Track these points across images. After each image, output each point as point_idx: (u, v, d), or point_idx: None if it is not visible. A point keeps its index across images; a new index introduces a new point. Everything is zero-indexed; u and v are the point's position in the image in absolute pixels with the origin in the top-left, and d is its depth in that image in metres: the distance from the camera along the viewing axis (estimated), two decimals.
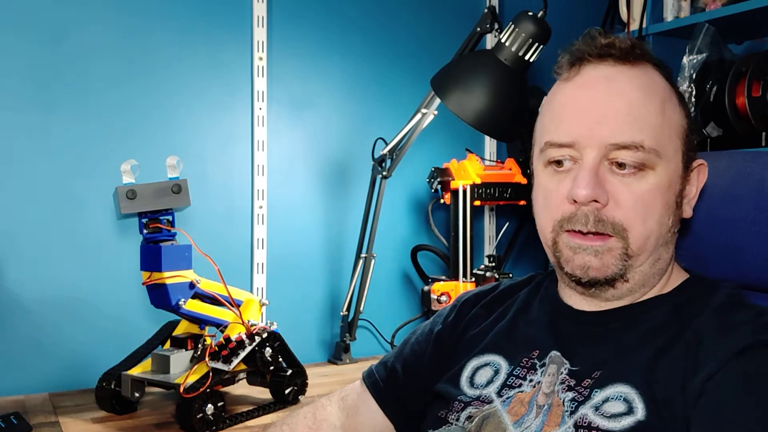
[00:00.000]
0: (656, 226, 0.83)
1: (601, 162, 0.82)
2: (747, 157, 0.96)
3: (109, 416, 1.36)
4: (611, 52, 0.85)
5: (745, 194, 0.93)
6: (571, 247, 0.84)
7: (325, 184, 1.89)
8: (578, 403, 0.79)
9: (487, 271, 1.79)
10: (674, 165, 0.84)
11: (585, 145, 0.82)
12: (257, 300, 1.50)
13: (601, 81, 0.84)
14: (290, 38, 1.83)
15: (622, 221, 0.81)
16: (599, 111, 0.82)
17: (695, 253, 0.97)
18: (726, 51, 1.95)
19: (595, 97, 0.84)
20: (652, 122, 0.82)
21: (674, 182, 0.85)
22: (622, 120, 0.81)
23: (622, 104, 0.82)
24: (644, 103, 0.83)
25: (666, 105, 0.84)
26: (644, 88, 0.84)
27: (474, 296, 1.03)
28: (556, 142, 0.84)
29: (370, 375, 1.04)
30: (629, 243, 0.82)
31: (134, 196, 1.26)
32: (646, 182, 0.82)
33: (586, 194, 0.80)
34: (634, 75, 0.85)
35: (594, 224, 0.81)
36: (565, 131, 0.84)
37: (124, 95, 1.64)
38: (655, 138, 0.82)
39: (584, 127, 0.82)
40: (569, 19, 2.12)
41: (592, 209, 0.81)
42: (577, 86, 0.86)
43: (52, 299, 1.57)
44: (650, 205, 0.82)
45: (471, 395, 0.88)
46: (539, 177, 0.89)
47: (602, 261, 0.82)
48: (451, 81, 1.51)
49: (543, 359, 0.86)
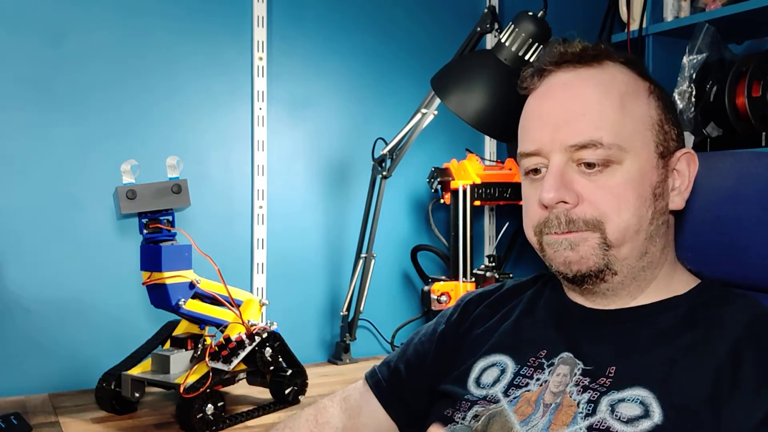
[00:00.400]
0: (633, 218, 0.84)
1: (567, 164, 0.84)
2: (752, 157, 0.96)
3: (109, 416, 1.35)
4: (566, 58, 0.89)
5: (750, 194, 0.93)
6: (549, 245, 0.87)
7: (325, 184, 1.89)
8: (595, 404, 0.78)
9: (487, 271, 1.79)
10: (645, 156, 0.85)
11: (548, 151, 0.85)
12: (257, 300, 1.50)
13: (559, 87, 0.88)
14: (290, 38, 1.83)
15: (595, 216, 0.83)
16: (557, 116, 0.86)
17: (700, 253, 0.96)
18: (726, 51, 1.95)
19: (554, 103, 0.87)
20: (611, 118, 0.84)
21: (647, 174, 0.85)
22: (579, 121, 0.84)
23: (578, 106, 0.85)
24: (600, 101, 0.85)
25: (627, 99, 0.86)
26: (601, 85, 0.86)
27: (478, 296, 1.03)
28: (525, 152, 0.88)
29: (373, 375, 1.04)
30: (606, 234, 0.83)
31: (134, 196, 1.26)
32: (614, 177, 0.83)
33: (551, 197, 0.83)
34: (591, 75, 0.87)
35: (566, 225, 0.84)
36: (530, 140, 0.88)
37: (124, 95, 1.64)
38: (615, 133, 0.83)
39: (545, 134, 0.86)
40: (569, 19, 2.13)
41: (561, 210, 0.84)
42: (539, 96, 0.90)
43: (52, 299, 1.57)
44: (622, 197, 0.83)
45: (477, 395, 0.88)
46: (522, 186, 0.93)
47: (579, 253, 0.84)
48: (451, 81, 1.51)
49: (551, 359, 0.86)
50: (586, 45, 0.89)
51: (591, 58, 0.88)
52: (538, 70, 0.90)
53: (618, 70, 0.88)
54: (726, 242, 0.95)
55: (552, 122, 0.85)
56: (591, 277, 0.86)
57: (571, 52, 0.88)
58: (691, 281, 0.91)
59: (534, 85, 0.91)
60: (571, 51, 0.88)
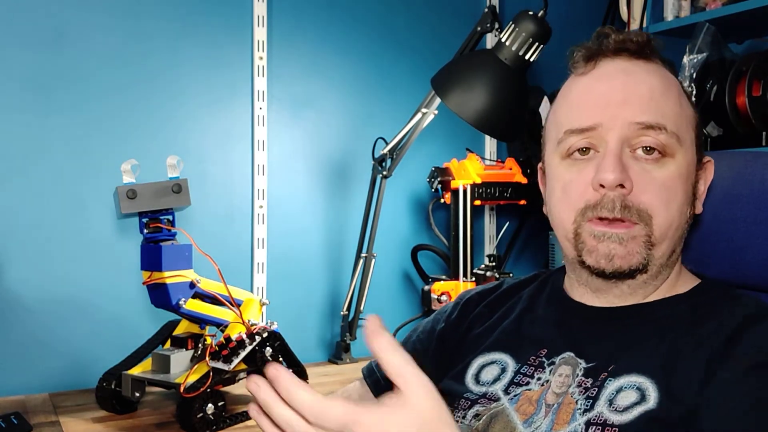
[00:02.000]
0: (677, 213, 0.83)
1: (623, 149, 0.82)
2: (748, 157, 0.96)
3: (110, 416, 1.35)
4: (627, 47, 0.86)
5: (746, 194, 0.93)
6: (595, 236, 0.82)
7: (325, 183, 1.89)
8: (593, 400, 0.78)
9: (487, 271, 1.79)
10: (690, 155, 0.85)
11: (609, 128, 0.82)
12: (257, 299, 1.50)
13: (620, 73, 0.85)
14: (290, 38, 1.83)
15: (647, 207, 0.81)
16: (621, 96, 0.83)
17: (697, 253, 0.97)
18: (726, 50, 1.95)
19: (616, 85, 0.84)
20: (672, 109, 0.84)
21: (691, 173, 0.85)
22: (645, 103, 0.82)
23: (644, 89, 0.83)
24: (663, 92, 0.84)
25: (681, 97, 0.86)
26: (662, 78, 0.86)
27: (477, 294, 1.03)
28: (578, 128, 0.84)
29: (371, 373, 1.04)
30: (653, 230, 0.82)
31: (134, 195, 1.26)
32: (667, 169, 0.82)
33: (614, 178, 0.79)
34: (650, 68, 0.86)
35: (621, 210, 0.80)
36: (588, 115, 0.84)
37: (124, 95, 1.64)
38: (676, 124, 0.83)
39: (607, 110, 0.83)
40: (570, 19, 2.12)
41: (618, 194, 0.81)
42: (595, 78, 0.87)
43: (53, 299, 1.57)
44: (672, 191, 0.82)
45: (477, 392, 0.87)
46: (555, 170, 0.88)
47: (627, 249, 0.81)
48: (452, 80, 1.51)
49: (552, 358, 0.86)
50: (650, 38, 0.87)
51: (651, 52, 0.87)
52: (594, 53, 0.87)
53: (668, 72, 0.88)
54: (723, 242, 0.95)
55: (615, 100, 0.83)
56: (624, 275, 0.83)
57: (636, 41, 0.86)
58: (692, 281, 0.91)
59: (587, 68, 0.87)
60: (636, 40, 0.86)
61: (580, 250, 0.85)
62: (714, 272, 0.94)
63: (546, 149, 0.93)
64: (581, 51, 0.89)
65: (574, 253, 0.86)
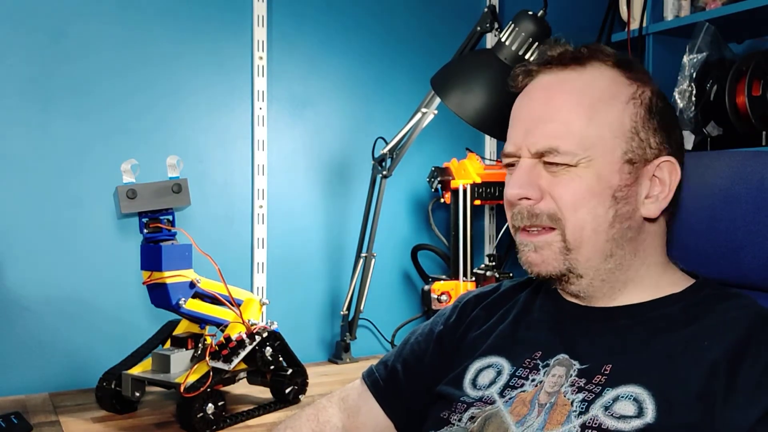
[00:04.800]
0: (588, 216, 0.85)
1: (537, 162, 0.87)
2: (747, 157, 0.96)
3: (110, 416, 1.36)
4: (549, 60, 0.90)
5: (744, 193, 0.93)
6: (519, 244, 0.90)
7: (325, 183, 1.89)
8: (588, 403, 0.79)
9: (487, 271, 1.79)
10: (606, 161, 0.85)
11: (520, 153, 0.89)
12: (257, 299, 1.50)
13: (539, 90, 0.90)
14: (290, 38, 1.83)
15: (555, 211, 0.86)
16: (530, 119, 0.88)
17: (696, 253, 0.97)
18: (726, 50, 1.95)
19: (530, 106, 0.90)
20: (574, 126, 0.85)
21: (609, 177, 0.85)
22: (543, 128, 0.87)
23: (547, 111, 0.87)
24: (568, 108, 0.86)
25: (599, 105, 0.86)
26: (574, 91, 0.87)
27: (475, 297, 1.03)
28: (505, 152, 0.92)
29: (370, 374, 1.04)
30: (566, 234, 0.85)
31: (134, 195, 1.26)
32: (576, 176, 0.85)
33: (515, 192, 0.88)
34: (570, 79, 0.88)
35: (528, 218, 0.87)
36: (511, 142, 0.91)
37: (124, 94, 1.64)
38: (576, 141, 0.85)
39: (518, 137, 0.89)
40: (569, 19, 2.13)
41: (525, 206, 0.87)
42: (521, 96, 0.93)
43: (53, 299, 1.57)
44: (579, 196, 0.85)
45: (473, 396, 0.88)
46: None
47: (541, 256, 0.87)
48: (451, 80, 1.51)
49: (546, 360, 0.86)
50: (567, 48, 0.90)
51: (572, 60, 0.89)
52: (526, 70, 0.92)
53: (600, 73, 0.88)
54: (720, 242, 0.95)
55: (525, 125, 0.89)
56: (554, 280, 0.89)
57: (553, 54, 0.90)
58: (685, 280, 0.91)
59: (521, 84, 0.93)
60: (553, 53, 0.90)
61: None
62: (713, 272, 0.94)
63: None
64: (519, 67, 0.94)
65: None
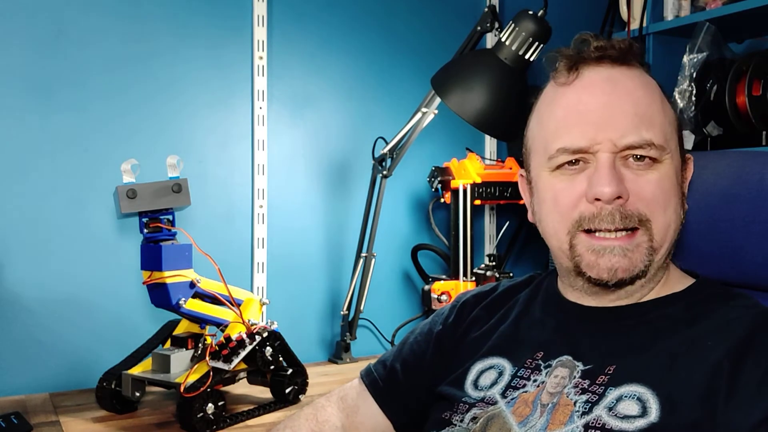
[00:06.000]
0: (674, 215, 0.84)
1: (615, 159, 0.82)
2: (746, 156, 0.96)
3: (110, 416, 1.35)
4: (609, 53, 0.86)
5: (744, 193, 0.93)
6: (594, 251, 0.83)
7: (325, 183, 1.89)
8: (592, 404, 0.78)
9: (487, 271, 1.79)
10: (676, 158, 0.86)
11: (598, 149, 0.82)
12: (258, 299, 1.50)
13: (605, 82, 0.85)
14: (290, 37, 1.83)
15: (645, 212, 0.82)
16: (608, 113, 0.83)
17: (695, 253, 0.97)
18: (726, 50, 1.95)
19: (602, 99, 0.84)
20: (657, 119, 0.84)
21: (679, 175, 0.87)
22: (631, 120, 0.82)
23: (628, 104, 0.83)
24: (648, 102, 0.84)
25: (663, 103, 0.87)
26: (645, 86, 0.86)
27: (474, 297, 1.03)
28: (569, 148, 0.84)
29: (368, 374, 1.04)
30: (653, 234, 0.82)
31: (134, 195, 1.26)
32: (658, 173, 0.83)
33: (611, 191, 0.80)
34: (634, 75, 0.86)
35: (621, 220, 0.81)
36: (579, 136, 0.83)
37: (124, 94, 1.64)
38: (662, 134, 0.84)
39: (596, 131, 0.82)
40: (569, 18, 2.12)
41: (616, 206, 0.81)
42: (579, 89, 0.86)
43: (53, 299, 1.57)
44: (667, 194, 0.83)
45: (475, 397, 0.88)
46: (546, 181, 0.88)
47: (631, 260, 0.82)
48: (452, 80, 1.51)
49: (548, 360, 0.86)
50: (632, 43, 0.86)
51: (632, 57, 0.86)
52: (576, 62, 0.86)
53: (648, 75, 0.88)
54: (720, 242, 0.95)
55: (603, 119, 0.83)
56: (626, 282, 0.83)
57: (618, 47, 0.85)
58: (685, 279, 0.91)
59: (570, 77, 0.86)
60: (618, 46, 0.85)
61: (577, 263, 0.85)
62: (712, 272, 0.94)
63: (532, 159, 0.91)
64: (563, 60, 0.87)
65: (569, 264, 0.86)
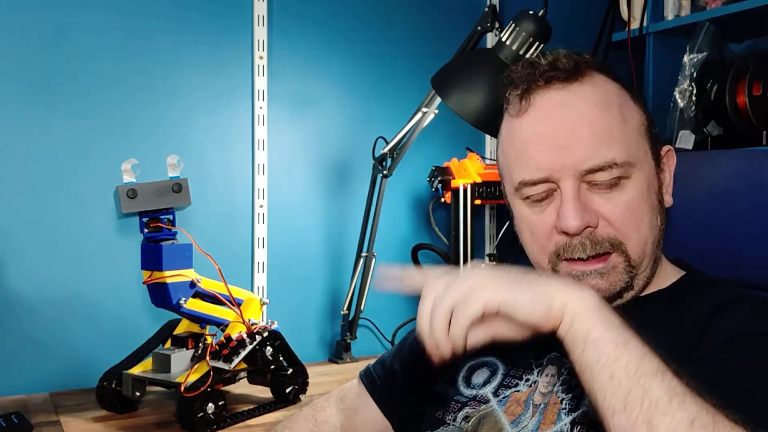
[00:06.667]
0: (649, 230, 0.83)
1: (580, 186, 0.81)
2: (747, 156, 0.96)
3: (110, 415, 1.36)
4: (557, 75, 0.83)
5: (744, 193, 0.93)
6: (575, 276, 0.83)
7: (325, 183, 1.89)
8: (578, 400, 0.78)
9: None
10: (648, 166, 0.84)
11: (559, 177, 0.81)
12: (258, 299, 1.50)
13: (556, 108, 0.83)
14: (291, 37, 1.83)
15: (617, 236, 0.81)
16: (563, 141, 0.81)
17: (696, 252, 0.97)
18: (726, 50, 1.95)
19: (555, 126, 0.82)
20: (617, 135, 0.81)
21: (652, 182, 0.85)
22: (588, 143, 0.80)
23: (584, 127, 0.81)
24: (604, 119, 0.81)
25: (624, 111, 0.84)
26: (599, 102, 0.82)
27: None
28: (530, 181, 0.83)
29: (367, 375, 1.04)
30: (629, 254, 0.82)
31: (135, 195, 1.26)
32: (626, 192, 0.82)
33: (577, 225, 0.80)
34: (586, 92, 0.83)
35: (592, 248, 0.81)
36: (536, 167, 0.82)
37: (125, 94, 1.64)
38: (625, 149, 0.81)
39: (553, 160, 0.81)
40: (570, 18, 2.12)
41: (586, 235, 0.81)
42: (532, 119, 0.84)
43: (53, 298, 1.57)
44: (638, 212, 0.82)
45: (468, 395, 0.88)
46: (520, 209, 0.88)
47: (609, 281, 0.82)
48: (452, 80, 1.51)
49: (540, 359, 0.86)
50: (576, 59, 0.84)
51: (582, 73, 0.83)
52: (525, 90, 0.84)
53: (604, 80, 0.85)
54: (721, 240, 0.95)
55: (558, 146, 0.81)
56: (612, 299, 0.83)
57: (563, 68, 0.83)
58: (675, 273, 0.91)
59: (522, 108, 0.84)
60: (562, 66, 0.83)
61: None
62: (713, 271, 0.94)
63: (505, 187, 0.91)
64: (513, 90, 0.85)
65: None
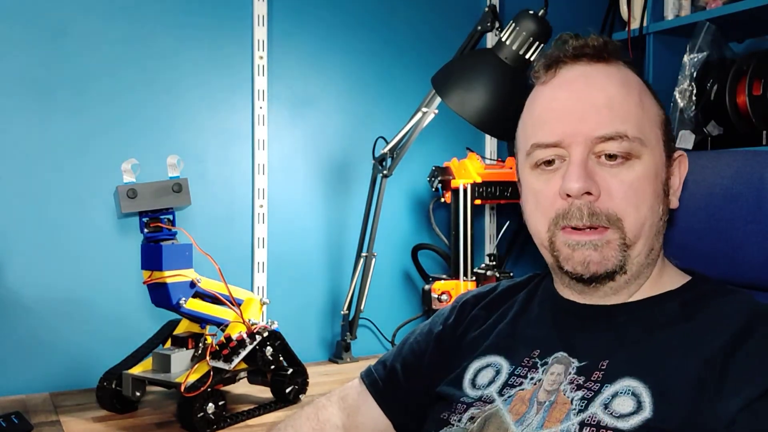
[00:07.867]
0: (649, 212, 0.84)
1: (588, 156, 0.83)
2: (747, 156, 0.96)
3: (110, 415, 1.36)
4: (585, 51, 0.87)
5: (745, 192, 0.93)
6: (569, 245, 0.85)
7: (325, 183, 1.89)
8: (588, 401, 0.79)
9: (487, 270, 1.79)
10: (658, 154, 0.86)
11: (570, 143, 0.84)
12: (258, 299, 1.50)
13: (579, 79, 0.87)
14: (291, 37, 1.83)
15: (615, 211, 0.83)
16: (580, 107, 0.85)
17: (696, 253, 0.97)
18: (727, 49, 1.95)
19: (575, 94, 0.86)
20: (633, 113, 0.84)
21: (660, 171, 0.86)
22: (604, 113, 0.83)
23: (602, 98, 0.84)
24: (623, 96, 0.85)
25: (643, 99, 0.87)
26: (621, 82, 0.86)
27: (473, 297, 1.03)
28: (542, 143, 0.86)
29: (369, 374, 1.04)
30: (625, 232, 0.83)
31: (135, 195, 1.26)
32: (634, 171, 0.84)
33: (579, 187, 0.82)
34: (610, 72, 0.87)
35: (588, 217, 0.82)
36: (550, 131, 0.86)
37: (125, 94, 1.64)
38: (638, 127, 0.84)
39: (568, 125, 0.84)
40: (570, 18, 2.12)
41: (585, 202, 0.83)
42: (555, 87, 0.88)
43: (53, 298, 1.57)
44: (641, 192, 0.84)
45: (473, 396, 0.88)
46: (527, 180, 0.90)
47: (602, 254, 0.83)
48: (452, 80, 1.51)
49: (545, 358, 0.86)
50: (607, 40, 0.88)
51: (609, 54, 0.87)
52: (554, 61, 0.88)
53: (630, 72, 0.89)
54: (720, 241, 0.95)
55: (575, 113, 0.84)
56: (603, 277, 0.85)
57: (592, 45, 0.87)
58: (681, 277, 0.91)
59: (548, 76, 0.89)
60: (592, 44, 0.87)
61: (557, 258, 0.87)
62: (713, 272, 0.94)
63: (518, 158, 0.94)
64: (542, 60, 0.90)
65: (552, 260, 0.89)
